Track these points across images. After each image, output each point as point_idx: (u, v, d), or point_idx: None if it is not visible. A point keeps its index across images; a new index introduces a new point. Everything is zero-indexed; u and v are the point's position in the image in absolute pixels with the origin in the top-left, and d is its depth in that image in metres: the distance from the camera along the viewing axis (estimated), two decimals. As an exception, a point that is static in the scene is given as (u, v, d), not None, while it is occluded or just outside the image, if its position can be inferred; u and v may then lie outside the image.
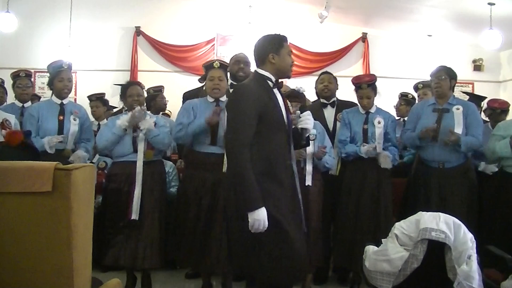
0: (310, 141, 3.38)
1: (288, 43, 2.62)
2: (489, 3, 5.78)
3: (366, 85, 3.76)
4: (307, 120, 2.62)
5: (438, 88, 3.68)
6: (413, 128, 3.76)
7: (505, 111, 4.49)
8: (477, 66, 7.75)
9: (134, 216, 3.41)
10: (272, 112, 2.48)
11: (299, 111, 2.70)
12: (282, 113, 2.54)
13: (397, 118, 4.48)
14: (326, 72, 4.33)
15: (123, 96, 3.65)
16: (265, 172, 2.39)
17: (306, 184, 3.42)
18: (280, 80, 2.60)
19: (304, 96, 3.58)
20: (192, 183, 3.41)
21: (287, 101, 2.77)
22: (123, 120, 3.49)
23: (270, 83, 2.54)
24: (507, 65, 7.69)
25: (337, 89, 4.21)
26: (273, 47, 2.55)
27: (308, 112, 2.67)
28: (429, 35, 7.49)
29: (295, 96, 3.45)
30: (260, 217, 2.28)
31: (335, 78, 4.22)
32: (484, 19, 5.99)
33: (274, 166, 2.44)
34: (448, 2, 6.08)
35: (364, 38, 7.79)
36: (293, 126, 2.67)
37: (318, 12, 6.86)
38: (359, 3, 6.90)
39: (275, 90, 2.56)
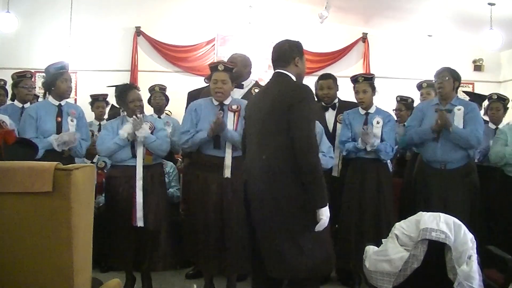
0: None
1: None
2: (489, 3, 5.78)
3: (362, 78, 3.77)
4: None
5: (441, 88, 3.68)
6: (418, 125, 3.75)
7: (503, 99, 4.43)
8: (477, 66, 7.76)
9: (140, 223, 3.39)
10: None
11: None
12: None
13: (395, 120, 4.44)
14: (325, 77, 4.17)
15: (123, 100, 3.56)
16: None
17: None
18: None
19: None
20: (198, 184, 3.40)
21: None
22: (125, 130, 3.42)
23: None
24: (508, 65, 7.69)
25: (338, 90, 4.14)
26: (298, 51, 2.67)
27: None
28: (429, 35, 7.49)
29: None
30: (328, 213, 2.47)
31: (335, 80, 4.12)
32: (484, 19, 5.99)
33: None
34: (448, 2, 6.08)
35: (364, 38, 7.80)
36: None
37: (318, 12, 6.86)
38: (359, 3, 6.90)
39: None
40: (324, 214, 2.44)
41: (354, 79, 3.82)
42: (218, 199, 3.32)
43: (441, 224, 2.33)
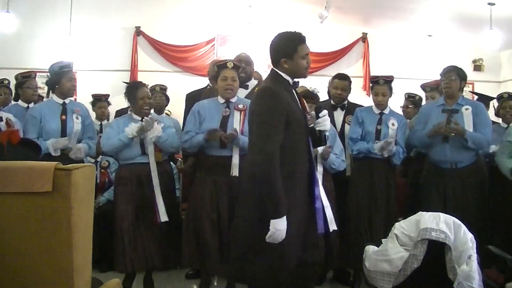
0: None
1: (305, 44, 2.52)
2: (489, 3, 5.78)
3: (383, 81, 3.76)
4: (325, 122, 2.62)
5: (448, 88, 3.67)
6: (423, 128, 3.74)
7: None
8: (477, 66, 7.75)
9: (164, 218, 3.41)
10: (295, 114, 2.45)
11: (313, 112, 2.69)
12: (303, 114, 2.54)
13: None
14: (342, 77, 4.10)
15: (132, 97, 3.56)
16: (287, 176, 2.37)
17: None
18: (296, 80, 2.57)
19: (318, 97, 3.56)
20: (207, 187, 3.36)
21: (304, 100, 2.74)
22: (132, 129, 3.41)
23: (288, 83, 2.52)
24: (507, 65, 7.68)
25: (350, 93, 4.12)
26: (286, 52, 2.47)
27: (325, 112, 2.65)
28: (429, 35, 7.49)
29: (310, 97, 3.41)
30: (282, 227, 2.28)
31: (350, 83, 4.10)
32: (484, 19, 5.99)
33: (295, 170, 2.42)
34: (448, 2, 6.08)
35: (364, 38, 7.80)
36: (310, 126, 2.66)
37: (318, 12, 6.86)
38: (359, 3, 6.89)
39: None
40: (273, 226, 2.27)
41: (375, 81, 3.79)
42: (229, 200, 3.29)
43: (441, 224, 2.34)
